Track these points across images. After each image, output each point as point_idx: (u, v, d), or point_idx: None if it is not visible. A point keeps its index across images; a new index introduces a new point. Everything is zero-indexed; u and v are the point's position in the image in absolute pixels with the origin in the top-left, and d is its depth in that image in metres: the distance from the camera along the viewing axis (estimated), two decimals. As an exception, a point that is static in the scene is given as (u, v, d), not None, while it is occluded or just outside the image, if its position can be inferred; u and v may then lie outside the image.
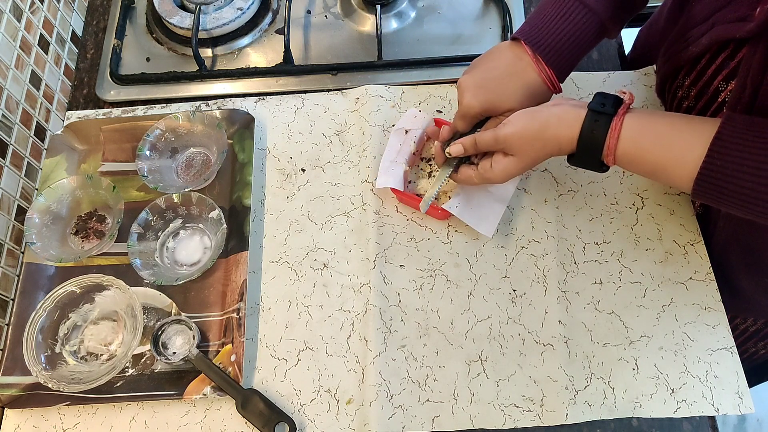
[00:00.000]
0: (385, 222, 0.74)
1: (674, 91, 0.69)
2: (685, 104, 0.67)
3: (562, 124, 0.58)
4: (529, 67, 0.63)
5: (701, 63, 0.63)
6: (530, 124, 0.59)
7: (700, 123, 0.53)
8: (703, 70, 0.63)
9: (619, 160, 0.57)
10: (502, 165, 0.62)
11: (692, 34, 0.63)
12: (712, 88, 0.62)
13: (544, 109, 0.60)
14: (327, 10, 0.91)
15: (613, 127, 0.55)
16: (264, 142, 0.81)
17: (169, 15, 0.87)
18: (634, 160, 0.56)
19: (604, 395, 0.65)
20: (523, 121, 0.60)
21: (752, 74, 0.53)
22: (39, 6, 0.83)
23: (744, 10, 0.55)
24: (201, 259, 0.74)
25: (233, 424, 0.66)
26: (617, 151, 0.56)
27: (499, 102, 0.63)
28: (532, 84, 0.63)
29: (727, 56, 0.59)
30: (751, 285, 0.71)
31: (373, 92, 0.81)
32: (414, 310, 0.70)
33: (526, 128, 0.59)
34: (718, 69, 0.61)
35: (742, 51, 0.56)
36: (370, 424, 0.64)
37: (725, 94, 0.60)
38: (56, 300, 0.68)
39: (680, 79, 0.68)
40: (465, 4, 0.90)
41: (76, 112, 0.84)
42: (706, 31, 0.60)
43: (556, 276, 0.70)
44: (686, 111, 0.67)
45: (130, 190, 0.77)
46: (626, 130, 0.55)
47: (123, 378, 0.67)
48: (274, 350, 0.69)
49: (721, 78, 0.60)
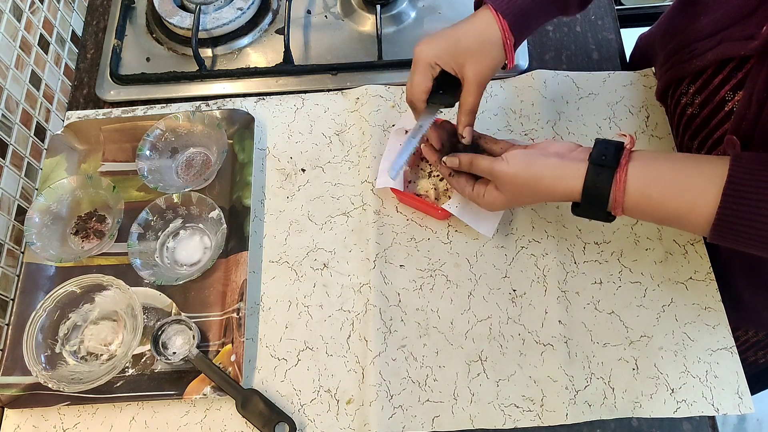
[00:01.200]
0: (385, 222, 0.74)
1: (678, 98, 0.69)
2: (689, 111, 0.67)
3: (558, 178, 0.56)
4: (484, 14, 0.61)
5: (707, 73, 0.63)
6: (525, 171, 0.58)
7: (708, 165, 0.52)
8: (709, 80, 0.62)
9: (628, 212, 0.55)
10: (492, 197, 0.62)
11: (697, 47, 0.63)
12: (718, 98, 0.61)
13: (543, 158, 0.58)
14: (327, 10, 0.91)
15: (617, 180, 0.54)
16: (264, 142, 0.81)
17: (169, 15, 0.87)
18: (645, 211, 0.55)
19: (604, 395, 0.65)
20: (519, 166, 0.58)
21: (758, 91, 0.53)
22: (39, 6, 0.83)
23: (752, 29, 0.55)
24: (201, 259, 0.74)
25: (233, 424, 0.66)
26: (625, 204, 0.55)
27: (451, 49, 0.61)
28: (485, 29, 0.61)
29: (734, 67, 0.59)
30: (754, 298, 0.71)
31: (373, 92, 0.81)
32: (414, 310, 0.70)
33: (518, 174, 0.58)
34: (725, 79, 0.60)
35: (750, 62, 0.56)
36: (370, 424, 0.64)
37: (732, 104, 0.60)
38: (56, 300, 0.68)
39: (684, 86, 0.67)
40: (465, 4, 0.90)
41: (76, 112, 0.85)
42: (712, 46, 0.60)
43: (556, 276, 0.70)
44: (690, 118, 0.67)
45: (130, 190, 0.77)
46: (632, 181, 0.54)
47: (123, 378, 0.67)
48: (274, 350, 0.69)
49: (728, 88, 0.60)
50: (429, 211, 0.73)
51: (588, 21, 0.87)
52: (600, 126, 0.79)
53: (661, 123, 0.78)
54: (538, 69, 0.82)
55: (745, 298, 0.71)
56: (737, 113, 0.56)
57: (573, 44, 0.86)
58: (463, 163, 0.64)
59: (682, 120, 0.69)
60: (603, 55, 0.86)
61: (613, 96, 0.80)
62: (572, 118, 0.79)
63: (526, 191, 0.59)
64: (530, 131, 0.78)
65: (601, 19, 0.87)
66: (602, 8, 0.88)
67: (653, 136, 0.77)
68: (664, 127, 0.78)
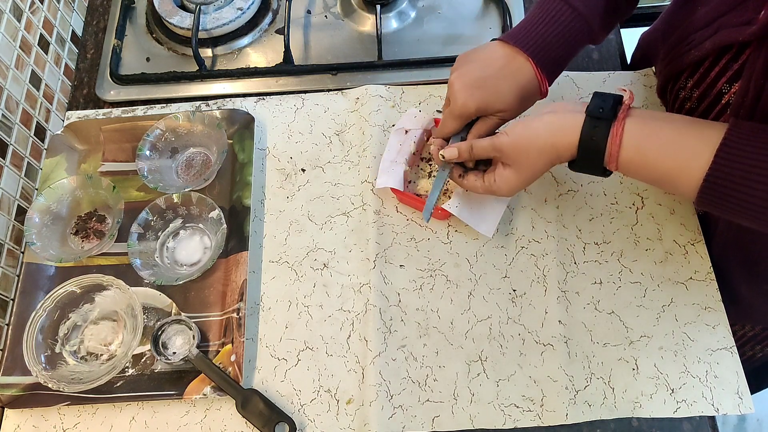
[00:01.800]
0: (385, 222, 0.74)
1: (676, 93, 0.69)
2: (688, 105, 0.67)
3: (558, 131, 0.56)
4: (525, 67, 0.62)
5: (704, 65, 0.62)
6: (524, 132, 0.58)
7: (706, 128, 0.52)
8: (706, 72, 0.62)
9: (623, 168, 0.55)
10: (504, 177, 0.61)
11: (695, 38, 0.63)
12: (716, 90, 0.61)
13: (537, 118, 0.58)
14: (327, 10, 0.91)
15: (613, 133, 0.54)
16: (264, 142, 0.81)
17: (169, 15, 0.87)
18: (639, 167, 0.55)
19: (604, 395, 0.65)
20: (518, 130, 0.59)
21: (755, 78, 0.53)
22: (39, 6, 0.83)
23: (749, 15, 0.54)
24: (201, 259, 0.74)
25: (233, 424, 0.66)
26: (620, 158, 0.54)
27: (493, 102, 0.62)
28: (526, 84, 0.62)
29: (731, 58, 0.58)
30: (751, 292, 0.70)
31: (373, 92, 0.81)
32: (414, 310, 0.70)
33: (521, 137, 0.58)
34: (721, 71, 0.60)
35: (746, 53, 0.56)
36: (370, 424, 0.64)
37: (729, 96, 0.60)
38: (56, 300, 0.68)
39: (683, 81, 0.67)
40: (465, 4, 0.90)
41: (76, 112, 0.84)
42: (710, 35, 0.60)
43: (556, 276, 0.70)
44: (688, 113, 0.67)
45: (130, 190, 0.77)
46: (628, 136, 0.54)
47: (123, 378, 0.67)
48: (274, 350, 0.69)
49: (724, 80, 0.60)
50: (429, 211, 0.73)
51: (588, 21, 0.87)
52: (600, 126, 0.79)
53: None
54: (538, 69, 0.82)
55: (743, 292, 0.71)
56: (735, 103, 0.56)
57: (573, 44, 0.86)
58: (462, 152, 0.62)
59: (680, 113, 0.69)
60: (603, 55, 0.86)
61: (613, 96, 0.80)
62: (572, 118, 0.79)
63: (532, 153, 0.58)
64: (530, 131, 0.78)
65: (601, 19, 0.87)
66: (602, 8, 0.88)
67: (653, 136, 0.77)
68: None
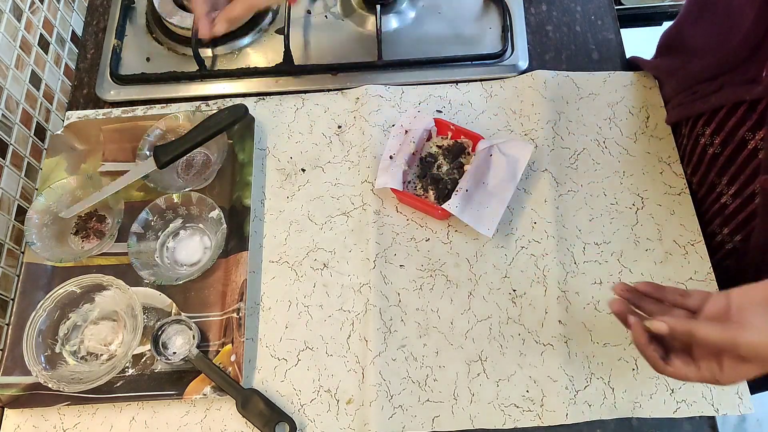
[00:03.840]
0: (385, 222, 0.74)
1: (696, 138, 0.69)
2: (710, 151, 0.67)
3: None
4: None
5: (719, 115, 0.62)
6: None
7: None
8: (723, 122, 0.62)
9: None
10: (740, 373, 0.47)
11: (700, 89, 0.62)
12: (738, 138, 0.61)
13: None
14: (327, 10, 0.91)
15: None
16: (264, 142, 0.81)
17: (169, 15, 0.87)
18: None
19: (604, 395, 0.65)
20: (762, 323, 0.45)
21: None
22: (39, 6, 0.83)
23: (753, 73, 0.54)
24: (201, 259, 0.74)
25: (233, 424, 0.66)
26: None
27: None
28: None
29: (748, 108, 0.58)
30: None
31: (373, 92, 0.81)
32: (414, 310, 0.70)
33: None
34: (740, 122, 0.59)
35: (763, 102, 0.55)
36: (370, 424, 0.64)
37: (755, 142, 0.59)
38: (56, 300, 0.68)
39: (700, 127, 0.67)
40: (465, 4, 0.90)
41: (76, 112, 0.84)
42: (714, 90, 0.60)
43: (556, 276, 0.70)
44: (713, 158, 0.67)
45: (130, 190, 0.77)
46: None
47: (123, 378, 0.67)
48: (274, 350, 0.69)
49: (746, 129, 0.59)
50: (429, 211, 0.73)
51: (588, 21, 0.87)
52: (600, 126, 0.79)
53: (661, 123, 0.78)
54: (538, 69, 0.82)
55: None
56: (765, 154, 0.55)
57: (573, 44, 0.86)
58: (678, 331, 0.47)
59: (704, 158, 0.69)
60: (603, 55, 0.86)
61: (614, 96, 0.80)
62: (572, 118, 0.79)
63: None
64: (530, 131, 0.78)
65: (601, 19, 0.87)
66: (602, 8, 0.88)
67: (653, 137, 0.77)
68: (664, 128, 0.78)
